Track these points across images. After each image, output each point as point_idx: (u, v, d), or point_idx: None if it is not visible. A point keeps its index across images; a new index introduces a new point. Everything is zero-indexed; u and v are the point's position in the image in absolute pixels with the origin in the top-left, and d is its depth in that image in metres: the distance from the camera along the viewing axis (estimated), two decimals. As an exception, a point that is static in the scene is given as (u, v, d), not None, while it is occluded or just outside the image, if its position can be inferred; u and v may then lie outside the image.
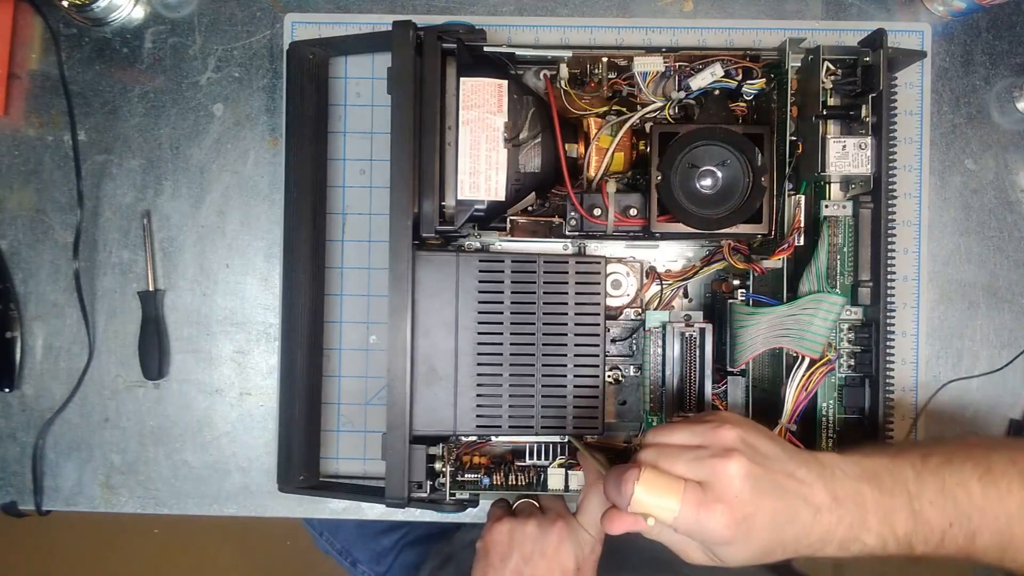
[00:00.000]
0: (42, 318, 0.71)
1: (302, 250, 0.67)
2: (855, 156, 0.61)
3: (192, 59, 0.71)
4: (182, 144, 0.71)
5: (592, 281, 0.62)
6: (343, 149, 0.71)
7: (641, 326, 0.65)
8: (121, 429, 0.71)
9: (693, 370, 0.62)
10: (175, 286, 0.71)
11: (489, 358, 0.61)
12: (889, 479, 0.48)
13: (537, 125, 0.62)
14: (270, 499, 0.71)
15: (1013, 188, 0.70)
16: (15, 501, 0.71)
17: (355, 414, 0.71)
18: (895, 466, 0.49)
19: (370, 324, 0.71)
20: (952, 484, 0.48)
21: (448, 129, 0.60)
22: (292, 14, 0.71)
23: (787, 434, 0.61)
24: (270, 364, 0.71)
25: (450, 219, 0.60)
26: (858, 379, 0.62)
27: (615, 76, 0.66)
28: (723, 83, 0.64)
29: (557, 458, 0.64)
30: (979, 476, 0.48)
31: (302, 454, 0.67)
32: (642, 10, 0.71)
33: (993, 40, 0.70)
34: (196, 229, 0.71)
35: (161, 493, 0.71)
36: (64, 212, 0.71)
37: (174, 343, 0.71)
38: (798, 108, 0.63)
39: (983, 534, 0.48)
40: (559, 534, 0.58)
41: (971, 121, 0.70)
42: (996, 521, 0.48)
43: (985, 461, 0.49)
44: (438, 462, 0.61)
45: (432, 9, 0.71)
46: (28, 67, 0.71)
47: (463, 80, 0.61)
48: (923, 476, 0.48)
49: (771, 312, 0.61)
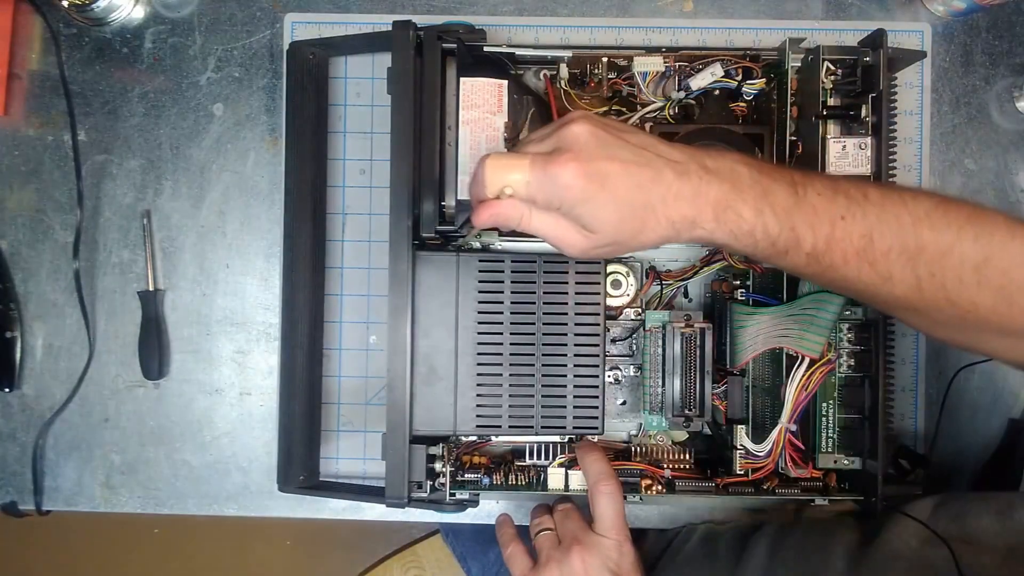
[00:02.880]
0: (42, 318, 0.71)
1: (302, 250, 0.67)
2: (855, 156, 0.61)
3: (192, 59, 0.71)
4: (182, 144, 0.71)
5: (592, 281, 0.61)
6: (343, 149, 0.71)
7: (641, 326, 0.65)
8: (121, 429, 0.71)
9: (693, 370, 0.62)
10: (175, 286, 0.71)
11: (489, 358, 0.61)
12: (773, 168, 0.46)
13: (537, 125, 0.62)
14: (270, 499, 0.71)
15: (1013, 188, 0.70)
16: (15, 501, 0.71)
17: (355, 414, 0.71)
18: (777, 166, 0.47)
19: (370, 324, 0.71)
20: (846, 185, 0.45)
21: (448, 129, 0.60)
22: (292, 14, 0.71)
23: (787, 434, 0.61)
24: (270, 364, 0.71)
25: (450, 219, 0.60)
26: (858, 379, 0.62)
27: (615, 76, 0.66)
28: (723, 83, 0.64)
29: (557, 458, 0.64)
30: (877, 186, 0.46)
31: (302, 454, 0.67)
32: (642, 10, 0.71)
33: (993, 40, 0.70)
34: (196, 229, 0.71)
35: (161, 493, 0.71)
36: (64, 212, 0.71)
37: (174, 343, 0.71)
38: (798, 108, 0.63)
39: (883, 233, 0.44)
40: (581, 560, 0.55)
41: (971, 121, 0.70)
42: (898, 221, 0.44)
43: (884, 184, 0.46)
44: (438, 462, 0.61)
45: (432, 9, 0.71)
46: (28, 67, 0.71)
47: (463, 80, 0.61)
48: (811, 176, 0.46)
49: (771, 312, 0.61)
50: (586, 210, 0.44)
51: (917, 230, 0.44)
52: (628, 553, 0.56)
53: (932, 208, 0.44)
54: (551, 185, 0.44)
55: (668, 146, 0.46)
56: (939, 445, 0.68)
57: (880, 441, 0.60)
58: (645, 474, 0.63)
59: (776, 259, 0.46)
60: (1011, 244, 0.44)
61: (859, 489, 0.62)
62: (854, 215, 0.44)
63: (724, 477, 0.62)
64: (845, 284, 0.47)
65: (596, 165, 0.43)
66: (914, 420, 0.69)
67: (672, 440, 0.67)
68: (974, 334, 0.47)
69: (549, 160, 0.44)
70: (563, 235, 0.46)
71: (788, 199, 0.44)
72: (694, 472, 0.64)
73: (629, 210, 0.44)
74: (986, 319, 0.45)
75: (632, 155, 0.44)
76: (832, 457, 0.63)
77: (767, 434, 0.62)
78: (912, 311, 0.47)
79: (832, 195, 0.45)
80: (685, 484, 0.62)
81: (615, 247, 0.46)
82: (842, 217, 0.44)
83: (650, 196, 0.44)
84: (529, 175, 0.44)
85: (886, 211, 0.44)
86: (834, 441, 0.63)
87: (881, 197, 0.45)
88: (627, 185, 0.44)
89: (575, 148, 0.44)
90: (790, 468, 0.62)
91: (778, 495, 0.62)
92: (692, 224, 0.45)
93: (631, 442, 0.67)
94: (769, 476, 0.63)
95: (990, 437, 0.70)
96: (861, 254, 0.44)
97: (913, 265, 0.44)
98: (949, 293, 0.44)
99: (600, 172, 0.43)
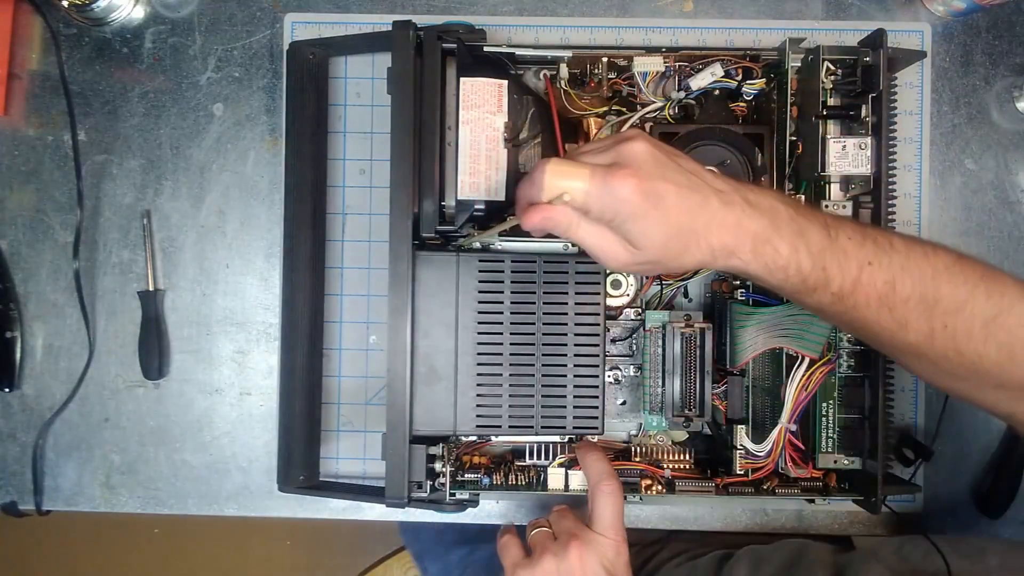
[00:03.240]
0: (42, 318, 0.71)
1: (302, 250, 0.67)
2: (855, 156, 0.61)
3: (192, 59, 0.71)
4: (182, 144, 0.71)
5: (592, 281, 0.61)
6: (343, 149, 0.71)
7: (641, 326, 0.65)
8: (121, 429, 0.71)
9: (693, 370, 0.62)
10: (175, 286, 0.71)
11: (489, 358, 0.61)
12: (809, 210, 0.48)
13: (537, 125, 0.62)
14: (270, 499, 0.71)
15: (1013, 188, 0.70)
16: (15, 501, 0.71)
17: (355, 414, 0.71)
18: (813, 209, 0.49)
19: (370, 324, 0.71)
20: (874, 232, 0.48)
21: (448, 129, 0.60)
22: (292, 14, 0.71)
23: (787, 434, 0.61)
24: (270, 364, 0.71)
25: (450, 219, 0.60)
26: (858, 379, 0.62)
27: (615, 76, 0.66)
28: (723, 83, 0.64)
29: (557, 458, 0.64)
30: (901, 237, 0.48)
31: (302, 454, 0.67)
32: (642, 10, 0.71)
33: (993, 40, 0.70)
34: (196, 229, 0.71)
35: (161, 493, 0.71)
36: (64, 212, 0.71)
37: (174, 343, 0.71)
38: (798, 108, 0.63)
39: (905, 282, 0.46)
40: (579, 555, 0.55)
41: (971, 121, 0.70)
42: (920, 271, 0.46)
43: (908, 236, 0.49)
44: (438, 462, 0.61)
45: (432, 9, 0.71)
46: (28, 67, 0.71)
47: (463, 80, 0.61)
48: (842, 220, 0.48)
49: (771, 312, 0.61)
50: (637, 226, 0.45)
51: (936, 283, 0.47)
52: (623, 555, 0.56)
53: (951, 263, 0.47)
54: (609, 197, 0.45)
55: (713, 175, 0.47)
56: (939, 445, 0.68)
57: (880, 441, 0.60)
58: (645, 474, 0.63)
59: (803, 295, 0.48)
60: (1019, 305, 0.47)
61: (859, 489, 0.62)
62: (880, 262, 0.46)
63: (724, 477, 0.62)
64: (863, 326, 0.49)
65: (653, 184, 0.45)
66: (914, 420, 0.69)
67: (672, 440, 0.67)
68: (974, 385, 0.50)
69: (609, 173, 0.45)
70: (607, 247, 0.47)
71: (822, 240, 0.46)
72: (694, 472, 0.64)
73: (676, 232, 0.45)
74: (988, 371, 0.48)
75: (685, 179, 0.46)
76: (832, 457, 0.63)
77: (767, 434, 0.62)
78: (920, 358, 0.49)
79: (861, 240, 0.47)
80: (685, 484, 0.62)
81: (654, 266, 0.48)
82: (869, 262, 0.46)
83: (696, 221, 0.45)
84: (588, 184, 0.45)
85: (910, 261, 0.47)
86: (834, 441, 0.63)
87: (906, 248, 0.47)
88: (679, 208, 0.45)
89: (635, 165, 0.45)
90: (790, 468, 0.62)
91: (778, 495, 0.62)
92: (730, 253, 0.46)
93: (631, 442, 0.67)
94: (769, 476, 0.63)
95: (990, 437, 0.70)
96: (882, 299, 0.47)
97: (929, 315, 0.47)
98: (958, 344, 0.47)
99: (656, 191, 0.44)
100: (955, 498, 0.70)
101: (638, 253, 0.46)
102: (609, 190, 0.44)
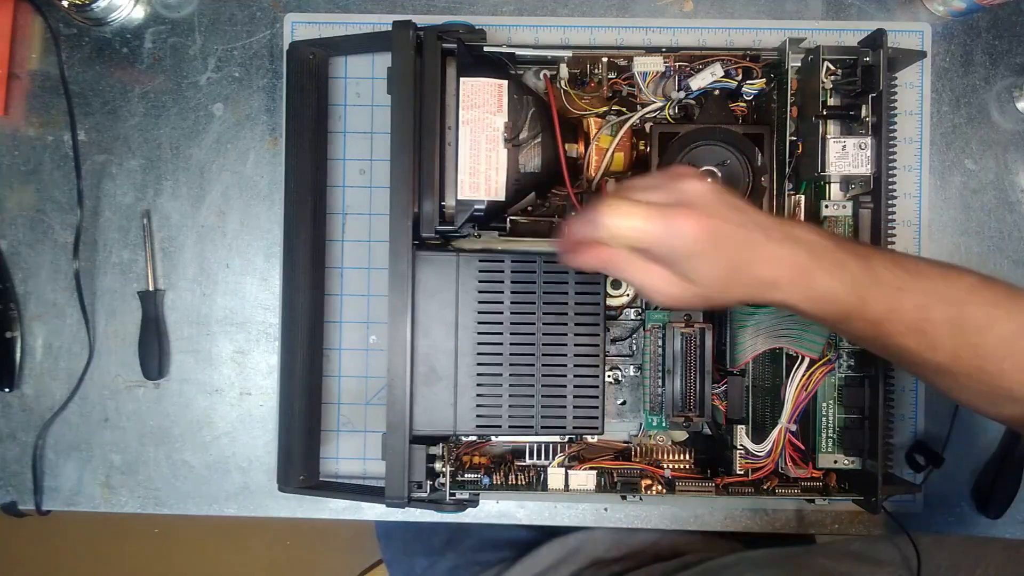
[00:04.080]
0: (42, 318, 0.71)
1: (302, 250, 0.67)
2: (855, 156, 0.61)
3: (192, 59, 0.71)
4: (182, 144, 0.71)
5: (592, 281, 0.62)
6: (343, 149, 0.71)
7: (641, 326, 0.65)
8: (121, 429, 0.71)
9: (693, 370, 0.62)
10: (175, 286, 0.71)
11: (489, 358, 0.61)
12: (845, 241, 0.50)
13: (537, 125, 0.62)
14: (270, 499, 0.71)
15: (1013, 188, 0.70)
16: (15, 501, 0.71)
17: (355, 414, 0.71)
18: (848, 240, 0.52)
19: (370, 324, 0.71)
20: (903, 259, 0.49)
21: (448, 129, 0.60)
22: (292, 14, 0.71)
23: (787, 434, 0.61)
24: (270, 364, 0.71)
25: (450, 219, 0.60)
26: (858, 379, 0.62)
27: (615, 76, 0.66)
28: (723, 83, 0.64)
29: (557, 458, 0.64)
30: (927, 261, 0.51)
31: (302, 454, 0.67)
32: (642, 10, 0.71)
33: (993, 40, 0.70)
34: (196, 229, 0.71)
35: (161, 493, 0.71)
36: (64, 212, 0.71)
37: (174, 343, 0.71)
38: (798, 108, 0.63)
39: (936, 308, 0.48)
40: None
41: (971, 121, 0.70)
42: (949, 296, 0.48)
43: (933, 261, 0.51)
44: (438, 462, 0.61)
45: (432, 9, 0.71)
46: (28, 67, 0.71)
47: (463, 80, 0.61)
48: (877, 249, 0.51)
49: (771, 312, 0.61)
50: (693, 264, 0.46)
51: (963, 305, 0.48)
52: None
53: (976, 284, 0.49)
54: (671, 237, 0.45)
55: (755, 210, 0.48)
56: (948, 452, 0.68)
57: (880, 441, 0.60)
58: (645, 474, 0.63)
59: (839, 323, 0.50)
60: None
61: (859, 489, 0.62)
62: (912, 288, 0.48)
63: (724, 477, 0.62)
64: (897, 350, 0.50)
65: (714, 223, 0.45)
66: (914, 420, 0.69)
67: (672, 440, 0.67)
68: (993, 399, 0.51)
69: (672, 213, 0.45)
70: (658, 284, 0.47)
71: (859, 271, 0.47)
72: (694, 472, 0.64)
73: (728, 267, 0.46)
74: (1007, 387, 0.49)
75: (738, 217, 0.46)
76: (832, 457, 0.63)
77: (767, 434, 0.62)
78: (945, 375, 0.50)
79: (893, 267, 0.48)
80: (685, 484, 0.62)
81: (702, 301, 0.48)
82: (900, 288, 0.48)
83: (743, 256, 0.46)
84: (649, 224, 0.45)
85: (938, 285, 0.48)
86: (834, 441, 0.63)
87: (932, 272, 0.49)
88: (734, 245, 0.46)
89: (697, 204, 0.45)
90: (790, 468, 0.62)
91: (778, 495, 0.62)
92: (772, 287, 0.47)
93: (631, 442, 0.67)
94: (769, 476, 0.63)
95: (990, 437, 0.70)
96: (914, 323, 0.48)
97: (955, 335, 0.48)
98: (983, 362, 0.48)
99: (717, 231, 0.45)
100: (955, 498, 0.70)
101: (691, 288, 0.47)
102: (672, 230, 0.45)
